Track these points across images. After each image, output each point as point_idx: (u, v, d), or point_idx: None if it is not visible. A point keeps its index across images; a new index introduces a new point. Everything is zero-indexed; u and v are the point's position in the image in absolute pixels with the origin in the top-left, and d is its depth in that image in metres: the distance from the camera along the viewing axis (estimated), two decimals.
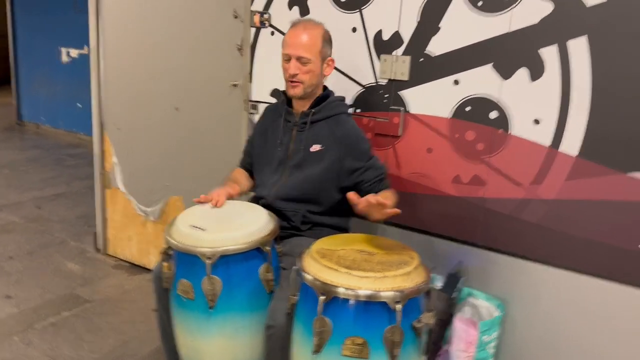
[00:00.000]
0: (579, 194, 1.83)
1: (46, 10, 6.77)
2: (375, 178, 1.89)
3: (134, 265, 3.24)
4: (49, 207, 4.24)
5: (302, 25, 1.91)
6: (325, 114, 1.95)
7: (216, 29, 2.62)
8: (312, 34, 1.88)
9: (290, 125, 1.99)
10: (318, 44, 1.87)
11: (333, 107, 1.96)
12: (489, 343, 1.98)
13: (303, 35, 1.87)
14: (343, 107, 2.00)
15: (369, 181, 1.89)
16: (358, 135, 1.94)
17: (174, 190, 2.97)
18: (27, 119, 7.49)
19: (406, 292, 1.44)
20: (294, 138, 1.97)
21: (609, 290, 1.83)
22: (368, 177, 1.89)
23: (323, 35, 1.89)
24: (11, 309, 2.69)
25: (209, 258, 1.64)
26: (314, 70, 1.88)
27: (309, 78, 1.88)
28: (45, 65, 6.98)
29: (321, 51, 1.88)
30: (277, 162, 2.00)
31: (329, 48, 1.92)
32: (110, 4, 2.99)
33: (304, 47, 1.86)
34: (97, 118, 3.18)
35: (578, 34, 1.75)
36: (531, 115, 1.87)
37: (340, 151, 1.90)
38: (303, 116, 1.96)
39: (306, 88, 1.91)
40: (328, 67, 1.93)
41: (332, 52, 1.96)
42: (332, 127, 1.93)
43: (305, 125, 1.95)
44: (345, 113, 1.99)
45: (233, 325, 1.73)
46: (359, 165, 1.90)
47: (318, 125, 1.94)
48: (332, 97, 1.99)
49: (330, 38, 1.94)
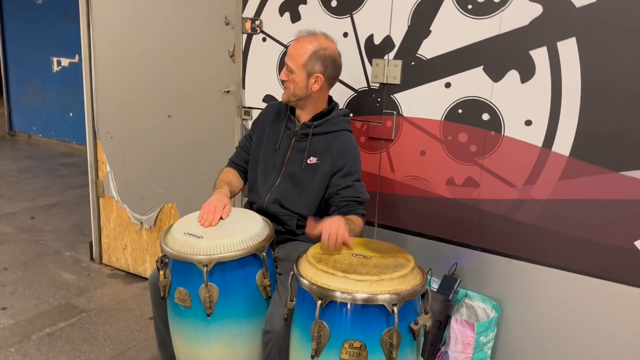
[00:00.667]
0: (572, 193, 1.85)
1: (36, 20, 6.77)
2: (352, 198, 1.86)
3: (130, 273, 3.23)
4: (43, 217, 4.23)
5: (301, 37, 1.92)
6: (327, 128, 1.94)
7: (208, 36, 2.62)
8: (301, 46, 1.88)
9: (290, 133, 1.99)
10: (303, 57, 1.86)
11: (336, 123, 1.96)
12: (486, 344, 1.99)
13: (295, 45, 1.90)
14: (345, 124, 1.98)
15: (346, 198, 1.86)
16: (354, 155, 1.93)
17: (168, 197, 2.97)
18: (18, 129, 7.47)
19: (403, 294, 1.44)
20: (292, 147, 1.97)
21: (605, 288, 1.84)
22: (346, 194, 1.87)
23: (315, 51, 1.86)
24: (7, 320, 2.67)
25: (206, 265, 1.64)
26: (297, 82, 1.89)
27: (293, 87, 1.91)
28: (36, 75, 6.97)
29: (305, 65, 1.86)
30: (272, 166, 2.00)
31: (318, 65, 1.87)
32: (101, 12, 2.99)
33: (290, 57, 1.90)
34: (90, 127, 3.17)
35: (567, 36, 1.76)
36: (523, 116, 1.88)
37: (334, 165, 1.90)
38: (304, 127, 1.96)
39: (290, 96, 1.93)
40: (315, 83, 1.89)
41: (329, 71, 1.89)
42: (330, 142, 1.93)
43: (305, 136, 1.95)
44: (347, 130, 1.98)
45: (231, 332, 1.73)
46: (342, 182, 1.88)
47: (317, 138, 1.94)
48: (336, 112, 1.98)
49: (325, 56, 1.87)
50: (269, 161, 2.01)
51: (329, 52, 1.89)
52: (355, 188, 1.88)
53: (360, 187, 1.90)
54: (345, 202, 1.86)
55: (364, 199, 1.89)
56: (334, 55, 1.91)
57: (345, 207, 1.85)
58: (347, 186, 1.87)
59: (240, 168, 2.12)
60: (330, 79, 1.93)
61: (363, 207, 1.89)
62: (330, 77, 1.92)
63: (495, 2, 1.86)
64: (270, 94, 2.42)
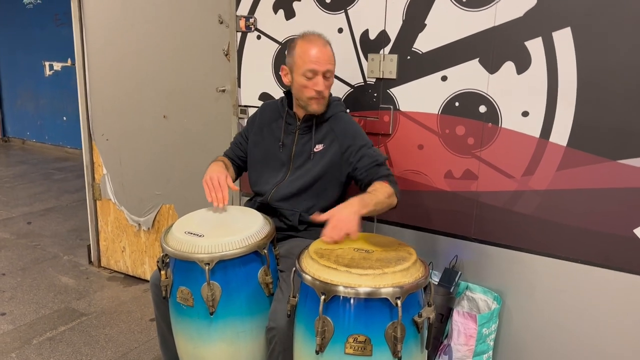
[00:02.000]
0: (571, 183, 1.85)
1: (27, 24, 6.73)
2: (369, 165, 1.87)
3: (129, 276, 3.22)
4: (40, 222, 4.21)
5: (321, 39, 1.89)
6: (326, 115, 1.97)
7: (202, 35, 2.61)
8: (327, 50, 1.89)
9: (292, 128, 2.00)
10: (333, 58, 1.91)
11: (332, 108, 1.98)
12: (489, 335, 1.99)
13: (327, 49, 1.88)
14: (341, 107, 2.02)
15: (364, 168, 1.87)
16: (355, 129, 1.96)
17: (165, 198, 2.96)
18: (12, 135, 7.43)
19: (406, 287, 1.44)
20: (296, 141, 1.98)
21: (605, 277, 1.85)
22: (362, 165, 1.88)
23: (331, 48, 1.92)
24: (7, 325, 2.66)
25: (207, 264, 1.64)
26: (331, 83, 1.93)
27: (328, 92, 1.93)
28: (28, 80, 6.94)
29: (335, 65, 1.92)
30: (279, 163, 2.00)
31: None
32: (94, 14, 2.97)
33: (331, 61, 1.89)
34: (85, 129, 3.16)
35: (562, 26, 1.77)
36: (520, 107, 1.89)
37: (342, 146, 1.92)
38: (305, 120, 1.97)
39: (326, 102, 1.94)
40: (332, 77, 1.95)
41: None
42: (331, 125, 1.96)
43: (308, 128, 1.97)
44: (343, 111, 2.01)
45: (234, 330, 1.72)
46: (356, 157, 1.90)
47: (320, 126, 1.97)
48: (330, 98, 2.00)
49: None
50: (275, 158, 2.01)
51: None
52: (369, 154, 1.89)
53: (373, 151, 1.90)
54: (365, 171, 1.86)
55: (382, 160, 1.88)
56: None
57: (367, 176, 1.86)
58: (361, 157, 1.88)
59: (233, 162, 2.13)
60: None
61: (386, 168, 1.88)
62: None
63: None
64: (266, 91, 2.41)
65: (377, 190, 1.76)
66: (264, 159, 2.04)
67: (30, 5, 6.64)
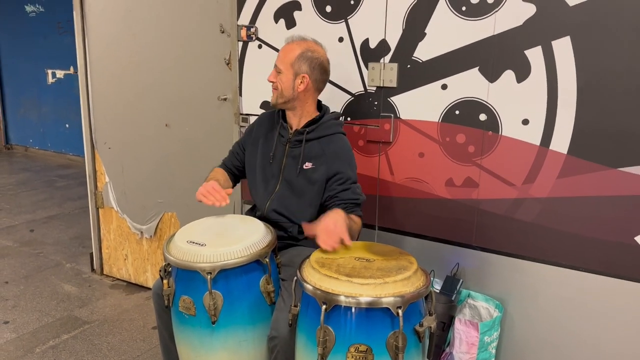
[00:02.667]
0: (571, 191, 1.86)
1: (30, 32, 6.77)
2: (350, 200, 1.86)
3: (131, 283, 3.23)
4: (43, 229, 4.22)
5: (291, 40, 1.97)
6: (319, 133, 1.95)
7: (203, 45, 2.63)
8: (290, 48, 1.93)
9: (284, 140, 2.00)
10: (292, 57, 1.91)
11: (328, 127, 1.96)
12: (491, 343, 1.99)
13: (284, 47, 1.96)
14: (338, 127, 1.99)
15: (345, 200, 1.86)
16: (349, 158, 1.94)
17: (167, 206, 2.97)
18: (15, 142, 7.46)
19: (407, 296, 1.45)
20: (286, 154, 1.98)
21: (607, 285, 1.85)
22: (344, 196, 1.87)
23: (302, 52, 1.90)
24: (10, 334, 2.66)
25: (209, 273, 1.64)
26: (284, 82, 1.93)
27: (281, 88, 1.94)
28: (31, 87, 6.97)
29: (292, 64, 1.91)
30: (270, 174, 2.01)
31: (305, 66, 1.90)
32: (96, 23, 2.99)
33: (279, 58, 1.95)
34: (87, 137, 3.17)
35: (562, 34, 1.78)
36: (520, 115, 1.90)
37: (329, 170, 1.90)
38: (297, 134, 1.97)
39: (278, 97, 1.96)
40: (301, 83, 1.91)
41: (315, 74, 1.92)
42: (323, 146, 1.94)
43: (298, 142, 1.96)
44: (340, 133, 1.99)
45: (236, 338, 1.73)
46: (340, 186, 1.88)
47: (311, 143, 1.95)
48: (327, 116, 1.99)
49: (312, 58, 1.91)
50: (267, 169, 2.01)
51: (317, 55, 1.93)
52: (353, 190, 1.88)
53: (357, 188, 1.90)
54: (344, 204, 1.86)
55: (361, 201, 1.89)
56: (321, 59, 1.94)
57: (345, 209, 1.84)
58: (344, 189, 1.88)
59: (230, 171, 2.14)
60: (316, 82, 1.94)
61: (360, 209, 1.90)
62: (317, 80, 1.94)
63: (489, 3, 1.87)
64: (267, 100, 2.42)
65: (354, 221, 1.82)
66: (258, 169, 2.04)
67: (33, 13, 6.68)
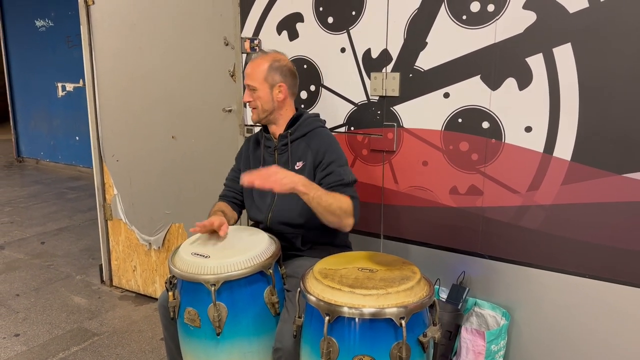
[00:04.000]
0: (576, 197, 1.85)
1: (40, 46, 6.87)
2: (334, 182, 1.85)
3: (140, 294, 3.25)
4: (53, 241, 4.26)
5: (253, 59, 2.01)
6: (302, 131, 1.98)
7: (208, 57, 2.66)
8: (256, 64, 1.97)
9: (271, 150, 2.03)
10: (262, 71, 1.94)
11: (309, 124, 1.99)
12: (497, 352, 1.98)
13: (249, 66, 1.99)
14: (318, 122, 2.03)
15: (328, 185, 1.85)
16: (330, 144, 1.95)
17: (175, 217, 2.99)
18: (26, 155, 7.55)
19: (410, 307, 1.44)
20: (276, 161, 2.00)
21: (614, 291, 1.83)
22: (327, 181, 1.87)
23: (270, 64, 1.95)
24: (20, 347, 2.69)
25: (213, 285, 1.65)
26: (262, 97, 1.96)
27: (260, 104, 1.97)
28: (41, 101, 7.06)
29: (265, 78, 1.94)
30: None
31: (278, 75, 1.95)
32: (103, 38, 3.03)
33: (249, 77, 1.97)
34: (96, 150, 3.21)
35: (563, 41, 1.78)
36: (522, 123, 1.89)
37: (315, 161, 1.93)
38: (281, 138, 2.00)
39: (260, 113, 1.99)
40: (280, 92, 1.96)
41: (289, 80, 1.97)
42: (308, 142, 1.97)
43: (285, 147, 1.99)
44: (321, 126, 2.02)
45: (241, 350, 1.73)
46: (324, 172, 1.89)
47: (296, 143, 1.98)
48: (306, 114, 2.02)
49: (281, 66, 1.96)
50: None
51: (284, 63, 1.99)
52: (336, 173, 1.87)
53: (342, 170, 1.89)
54: (330, 188, 1.83)
55: (347, 181, 1.86)
56: (288, 65, 2.00)
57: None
58: (327, 174, 1.88)
59: (232, 200, 2.12)
60: (291, 87, 2.00)
61: (352, 189, 1.87)
62: (291, 85, 2.00)
63: (490, 11, 1.88)
64: None
65: (333, 195, 1.78)
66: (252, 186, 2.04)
67: (43, 28, 6.79)
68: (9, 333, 2.82)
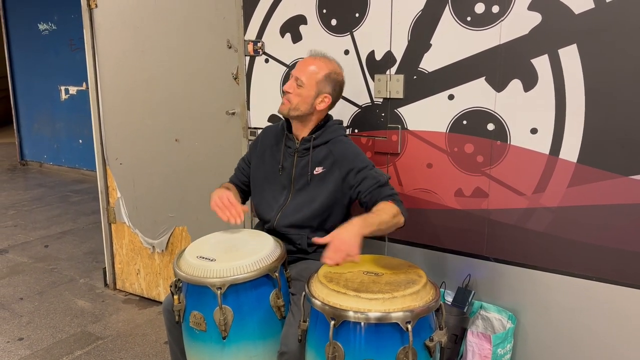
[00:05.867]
0: (583, 199, 1.83)
1: (43, 49, 6.88)
2: (371, 187, 1.85)
3: (144, 298, 3.24)
4: (57, 245, 4.26)
5: (316, 55, 1.98)
6: (326, 138, 1.97)
7: (211, 60, 2.65)
8: (318, 65, 1.94)
9: (291, 150, 2.01)
10: (319, 75, 1.92)
11: (332, 131, 1.99)
12: (504, 356, 1.96)
13: (310, 62, 1.95)
14: (342, 131, 2.02)
15: (367, 190, 1.86)
16: (355, 152, 1.95)
17: (178, 220, 2.98)
18: (29, 158, 7.55)
19: (416, 311, 1.44)
20: (295, 164, 1.99)
21: (622, 294, 1.82)
22: (364, 187, 1.87)
23: (329, 73, 1.93)
24: (24, 351, 2.68)
25: (219, 288, 1.65)
26: (305, 96, 1.92)
27: (297, 101, 1.92)
28: (45, 104, 7.07)
29: (318, 83, 1.91)
30: (280, 186, 2.01)
31: (329, 87, 1.93)
32: (106, 41, 3.03)
33: (304, 72, 1.93)
34: (99, 154, 3.21)
35: (568, 42, 1.77)
36: (528, 124, 1.88)
37: (342, 170, 1.91)
38: (304, 142, 1.98)
39: (292, 109, 1.94)
40: (322, 102, 1.94)
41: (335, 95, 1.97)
42: (330, 149, 1.95)
43: (306, 150, 1.97)
44: (343, 135, 2.01)
45: (247, 354, 1.73)
46: (357, 179, 1.89)
47: (318, 149, 1.97)
48: (332, 121, 2.02)
49: (337, 80, 1.96)
50: (276, 182, 2.02)
51: (340, 78, 1.99)
52: (371, 176, 1.88)
53: (375, 172, 1.90)
54: (369, 193, 1.85)
55: (384, 181, 1.87)
56: (342, 82, 2.00)
57: (371, 198, 1.85)
58: (362, 180, 1.88)
59: (238, 187, 2.14)
60: (334, 102, 1.99)
61: (390, 188, 1.87)
62: (335, 100, 1.99)
63: (494, 12, 1.87)
64: (274, 113, 2.43)
65: (381, 210, 1.75)
66: (266, 183, 2.05)
67: (46, 31, 6.80)
68: (13, 337, 2.81)
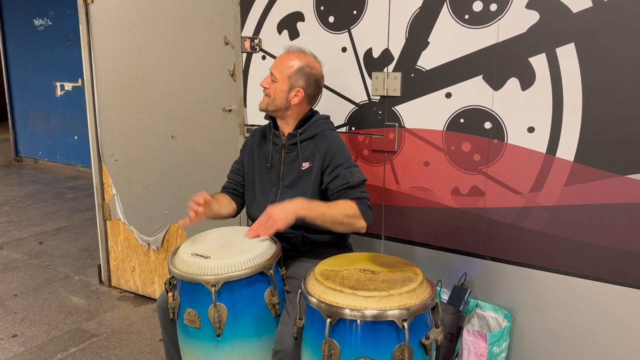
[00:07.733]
0: (579, 199, 1.83)
1: (38, 45, 6.85)
2: (339, 187, 1.85)
3: (139, 295, 3.23)
4: (51, 242, 4.24)
5: (291, 50, 1.98)
6: (312, 132, 1.97)
7: (208, 56, 2.64)
8: (289, 59, 1.95)
9: (278, 147, 2.01)
10: (290, 69, 1.92)
11: (318, 126, 1.98)
12: (500, 354, 1.96)
13: (284, 57, 1.97)
14: (328, 124, 2.01)
15: (335, 189, 1.85)
16: (338, 148, 1.93)
17: (174, 217, 2.97)
18: (24, 154, 7.52)
19: (412, 309, 1.43)
20: (283, 160, 1.98)
21: (617, 293, 1.82)
22: (333, 186, 1.86)
23: (302, 67, 1.93)
24: (18, 347, 2.67)
25: (214, 285, 1.64)
26: (278, 92, 1.94)
27: (273, 96, 1.95)
28: (40, 100, 7.04)
29: (290, 77, 1.92)
30: (269, 184, 2.01)
31: (302, 80, 1.93)
32: (102, 37, 3.02)
33: (278, 67, 1.95)
34: (94, 150, 3.19)
35: (566, 41, 1.76)
36: (525, 123, 1.88)
37: (322, 165, 1.92)
38: (290, 137, 1.98)
39: (268, 104, 1.97)
40: (295, 97, 1.93)
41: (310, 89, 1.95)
42: (317, 143, 1.95)
43: (293, 146, 1.97)
44: (330, 129, 2.00)
45: (241, 352, 1.72)
46: (330, 176, 1.89)
47: (305, 144, 1.97)
48: (317, 116, 2.01)
49: (310, 74, 1.94)
50: (265, 180, 2.01)
51: (315, 72, 1.96)
52: (343, 175, 1.86)
53: (349, 172, 1.87)
54: (336, 193, 1.85)
55: (355, 182, 1.84)
56: (318, 75, 1.97)
57: (337, 198, 1.85)
58: (333, 178, 1.88)
59: (233, 192, 2.11)
60: (309, 97, 1.98)
61: (361, 190, 1.85)
62: (310, 95, 1.98)
63: (492, 11, 1.86)
64: None
65: (334, 205, 1.78)
66: (256, 182, 2.05)
67: (42, 27, 6.76)
68: (7, 334, 2.80)
